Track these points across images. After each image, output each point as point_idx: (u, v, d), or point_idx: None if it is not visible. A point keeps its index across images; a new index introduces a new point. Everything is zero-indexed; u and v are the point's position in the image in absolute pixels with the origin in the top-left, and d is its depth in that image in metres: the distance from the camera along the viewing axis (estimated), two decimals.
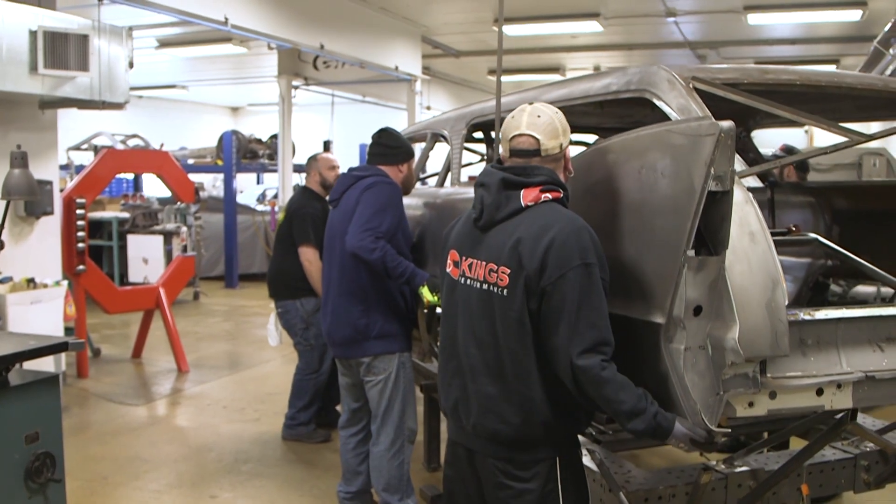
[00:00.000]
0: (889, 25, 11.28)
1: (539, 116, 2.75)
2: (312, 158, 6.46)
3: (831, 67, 17.10)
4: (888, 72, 10.21)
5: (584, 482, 2.87)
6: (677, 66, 3.02)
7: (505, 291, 2.63)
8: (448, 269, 2.93)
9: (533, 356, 2.63)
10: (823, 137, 20.66)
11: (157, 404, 7.81)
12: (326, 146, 15.07)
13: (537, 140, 2.73)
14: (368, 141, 4.75)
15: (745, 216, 2.38)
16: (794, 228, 4.56)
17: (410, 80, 14.89)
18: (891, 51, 11.43)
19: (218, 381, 8.62)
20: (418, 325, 4.68)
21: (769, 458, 3.61)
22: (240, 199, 16.75)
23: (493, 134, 5.53)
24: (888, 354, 2.75)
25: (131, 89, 7.55)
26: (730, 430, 2.38)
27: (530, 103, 2.83)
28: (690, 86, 2.91)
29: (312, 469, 5.92)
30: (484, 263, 2.72)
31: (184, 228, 10.56)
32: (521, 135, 2.75)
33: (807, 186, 5.40)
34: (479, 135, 6.02)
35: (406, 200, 4.74)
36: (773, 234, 4.46)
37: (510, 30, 14.05)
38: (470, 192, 3.49)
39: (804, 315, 2.55)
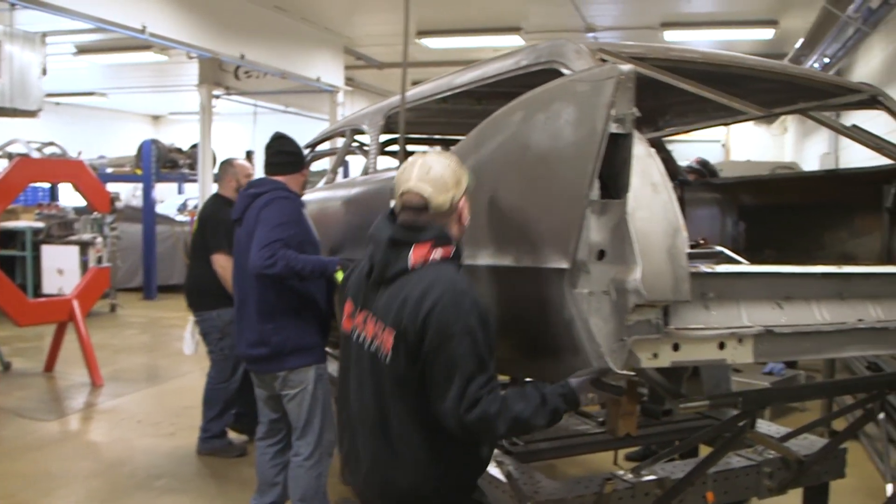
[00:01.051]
0: (799, 43, 11.74)
1: (430, 170, 2.67)
2: (228, 164, 6.28)
3: None
4: None
5: None
6: (585, 41, 3.11)
7: (389, 356, 2.59)
8: (344, 320, 2.89)
9: (417, 419, 2.60)
10: (739, 152, 21.30)
11: (69, 419, 7.59)
12: (249, 156, 14.94)
13: (427, 195, 2.64)
14: None
15: (647, 168, 2.44)
16: (702, 241, 4.71)
17: (333, 92, 14.89)
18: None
19: (133, 394, 8.43)
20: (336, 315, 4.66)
21: (676, 467, 3.67)
22: (160, 209, 16.50)
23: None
24: (787, 311, 2.85)
25: (48, 96, 7.42)
26: (634, 374, 2.43)
27: (424, 154, 2.76)
28: (597, 57, 2.99)
29: (227, 483, 5.82)
30: (373, 322, 2.68)
31: (99, 239, 10.33)
32: (409, 190, 2.67)
33: (714, 184, 5.56)
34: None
35: (323, 194, 4.72)
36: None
37: (432, 42, 14.16)
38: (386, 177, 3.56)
39: (706, 268, 2.63)
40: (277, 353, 4.36)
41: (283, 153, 4.58)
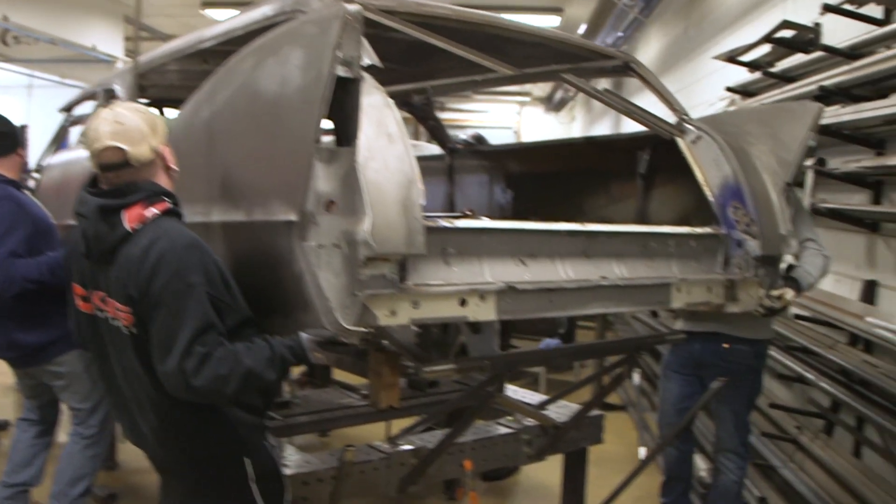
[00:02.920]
0: (582, 30, 12.18)
1: (121, 123, 2.43)
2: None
3: None
4: None
5: (280, 485, 2.73)
6: None
7: (134, 329, 2.40)
8: (78, 304, 2.65)
9: None
10: (529, 138, 22.02)
11: None
12: (22, 131, 13.85)
13: (123, 151, 2.41)
14: None
15: (383, 118, 2.36)
16: (468, 213, 4.74)
17: (111, 62, 14.06)
18: None
19: None
20: None
21: (435, 437, 3.63)
22: None
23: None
24: (531, 269, 2.87)
25: None
26: (366, 330, 2.35)
27: (110, 107, 2.52)
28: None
29: None
30: (111, 301, 2.46)
31: None
32: (104, 148, 2.42)
33: (483, 151, 5.62)
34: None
35: (67, 156, 4.37)
36: (449, 217, 4.65)
37: (218, 14, 13.67)
38: None
39: (445, 222, 2.59)
40: (33, 350, 4.08)
41: None
